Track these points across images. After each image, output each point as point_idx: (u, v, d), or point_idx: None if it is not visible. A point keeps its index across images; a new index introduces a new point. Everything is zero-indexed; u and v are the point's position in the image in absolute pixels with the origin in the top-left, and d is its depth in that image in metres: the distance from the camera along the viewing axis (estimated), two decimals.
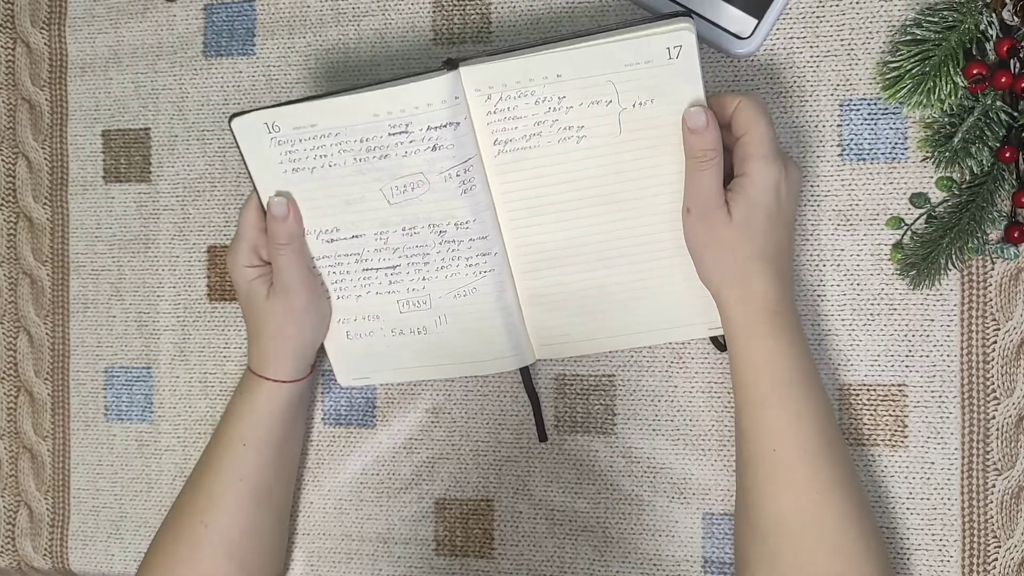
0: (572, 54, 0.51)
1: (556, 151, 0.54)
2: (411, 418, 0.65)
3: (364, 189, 0.56)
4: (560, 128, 0.54)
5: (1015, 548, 0.57)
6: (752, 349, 0.52)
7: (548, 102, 0.53)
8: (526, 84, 0.52)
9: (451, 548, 0.64)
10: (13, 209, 0.72)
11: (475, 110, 0.54)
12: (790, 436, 0.51)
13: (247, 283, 0.58)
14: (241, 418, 0.59)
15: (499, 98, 0.53)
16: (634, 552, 0.61)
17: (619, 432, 0.62)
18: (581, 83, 0.52)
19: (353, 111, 0.53)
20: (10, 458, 0.71)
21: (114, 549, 0.69)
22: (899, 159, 0.58)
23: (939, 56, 0.54)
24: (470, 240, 0.57)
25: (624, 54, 0.50)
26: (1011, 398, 0.57)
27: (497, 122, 0.54)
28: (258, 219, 0.58)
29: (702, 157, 0.51)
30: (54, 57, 0.71)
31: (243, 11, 0.67)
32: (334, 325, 0.61)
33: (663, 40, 0.50)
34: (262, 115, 0.54)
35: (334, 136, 0.54)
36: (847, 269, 0.59)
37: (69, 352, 0.71)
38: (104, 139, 0.70)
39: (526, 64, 0.52)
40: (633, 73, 0.51)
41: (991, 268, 0.57)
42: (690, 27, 0.49)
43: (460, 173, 0.55)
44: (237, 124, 0.55)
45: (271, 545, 0.62)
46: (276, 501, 0.61)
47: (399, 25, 0.65)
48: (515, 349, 0.60)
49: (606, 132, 0.53)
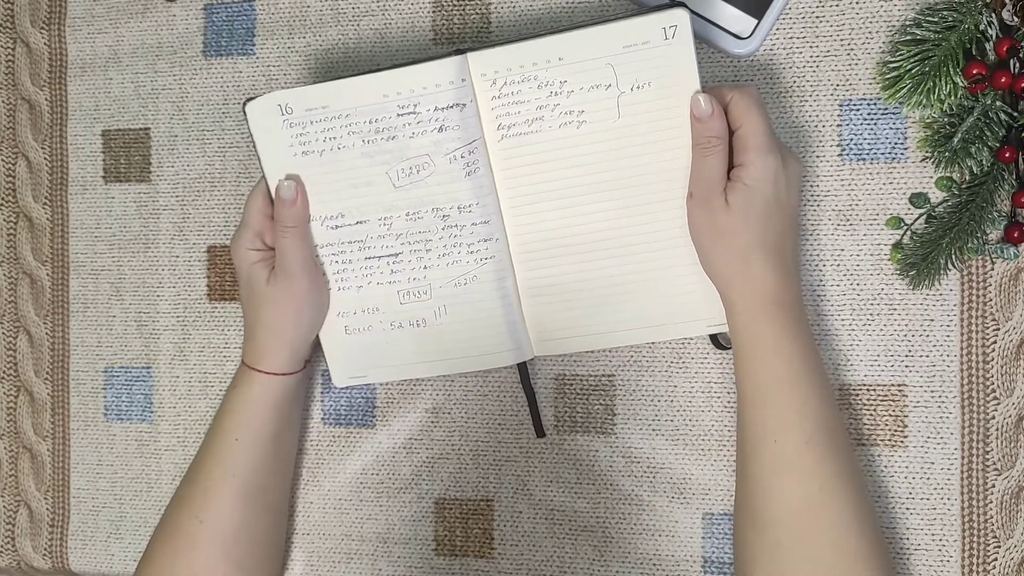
0: (573, 36, 0.53)
1: (557, 136, 0.56)
2: (411, 418, 0.65)
3: (371, 172, 0.57)
4: (561, 112, 0.55)
5: (1015, 548, 0.57)
6: (754, 339, 0.52)
7: (550, 86, 0.55)
8: (529, 68, 0.54)
9: (451, 548, 0.64)
10: (13, 209, 0.72)
11: (480, 95, 0.55)
12: (792, 427, 0.51)
13: (249, 266, 0.58)
14: (234, 412, 0.59)
15: (503, 83, 0.55)
16: (634, 552, 0.61)
17: (619, 432, 0.62)
18: (582, 66, 0.54)
19: (364, 92, 0.56)
20: (10, 458, 0.72)
21: (114, 549, 0.69)
22: (899, 159, 0.58)
23: (939, 56, 0.54)
24: (472, 224, 0.58)
25: (623, 36, 0.53)
26: (1011, 398, 0.57)
27: (501, 107, 0.56)
28: (264, 205, 0.58)
29: (706, 144, 0.52)
30: (54, 57, 0.71)
31: (243, 11, 0.67)
32: (333, 319, 0.61)
33: (659, 20, 0.52)
34: (276, 96, 0.56)
35: (344, 117, 0.56)
36: (847, 269, 0.59)
37: (69, 352, 0.71)
38: (104, 139, 0.70)
39: (530, 48, 0.54)
40: (631, 55, 0.53)
41: (991, 268, 0.57)
42: (685, 10, 0.52)
43: (465, 155, 0.56)
44: (251, 107, 0.57)
45: (267, 542, 0.62)
46: (270, 498, 0.61)
47: (399, 25, 0.65)
48: (514, 342, 0.60)
49: (606, 116, 0.55)
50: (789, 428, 0.51)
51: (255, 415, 0.59)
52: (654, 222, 0.56)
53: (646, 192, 0.56)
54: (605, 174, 0.56)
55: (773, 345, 0.52)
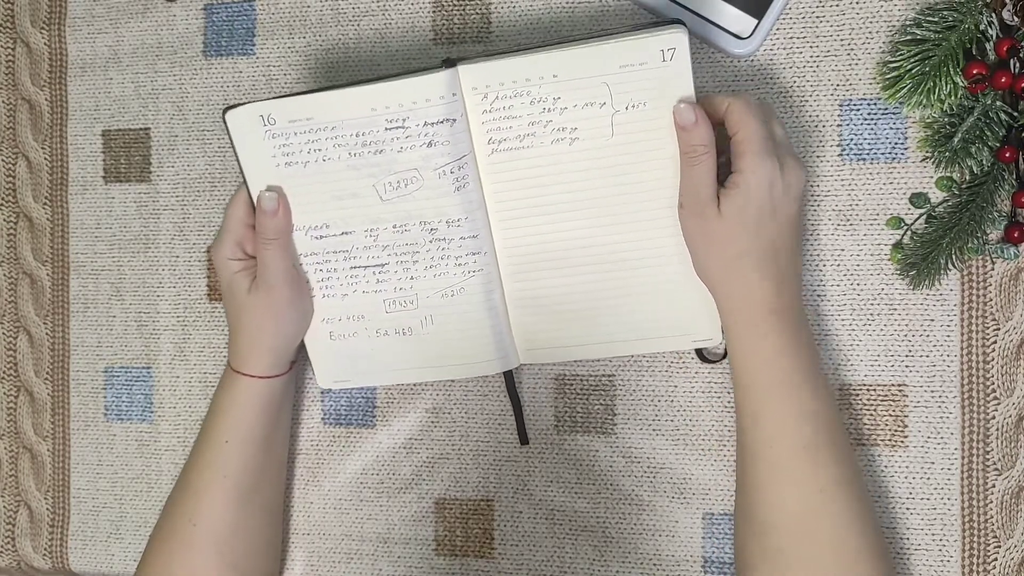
0: (568, 54, 0.52)
1: (549, 152, 0.55)
2: (411, 418, 0.65)
3: (357, 185, 0.56)
4: (554, 129, 0.54)
5: (1015, 548, 0.57)
6: (750, 347, 0.52)
7: (543, 103, 0.53)
8: (522, 84, 0.53)
9: (451, 548, 0.64)
10: (13, 209, 0.72)
11: (471, 108, 0.54)
12: (790, 433, 0.51)
13: (230, 275, 0.58)
14: (221, 414, 0.59)
15: (495, 97, 0.54)
16: (634, 552, 0.61)
17: (619, 432, 0.62)
18: (576, 84, 0.53)
19: (350, 105, 0.54)
20: (10, 458, 0.72)
21: (114, 549, 0.69)
22: (899, 159, 0.58)
23: (939, 56, 0.54)
24: (461, 238, 0.57)
25: (619, 56, 0.51)
26: (1011, 398, 0.57)
27: (492, 121, 0.54)
28: (246, 214, 0.58)
29: (692, 153, 0.52)
30: (54, 57, 0.71)
31: (243, 11, 0.67)
32: (317, 324, 0.60)
33: (658, 42, 0.51)
34: (258, 107, 0.55)
35: (330, 130, 0.55)
36: (847, 269, 0.59)
37: (69, 352, 0.71)
38: (104, 139, 0.70)
39: (523, 63, 0.52)
40: (627, 75, 0.52)
41: (991, 268, 0.57)
42: (683, 31, 0.50)
43: (454, 170, 0.55)
44: (231, 116, 0.55)
45: (262, 542, 0.62)
46: (264, 497, 0.61)
47: (399, 25, 0.65)
48: (500, 352, 0.60)
49: (599, 134, 0.54)
50: (786, 434, 0.51)
51: (243, 417, 0.59)
52: (642, 239, 0.56)
53: (635, 210, 0.55)
54: (595, 191, 0.55)
55: (768, 353, 0.52)
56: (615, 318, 0.58)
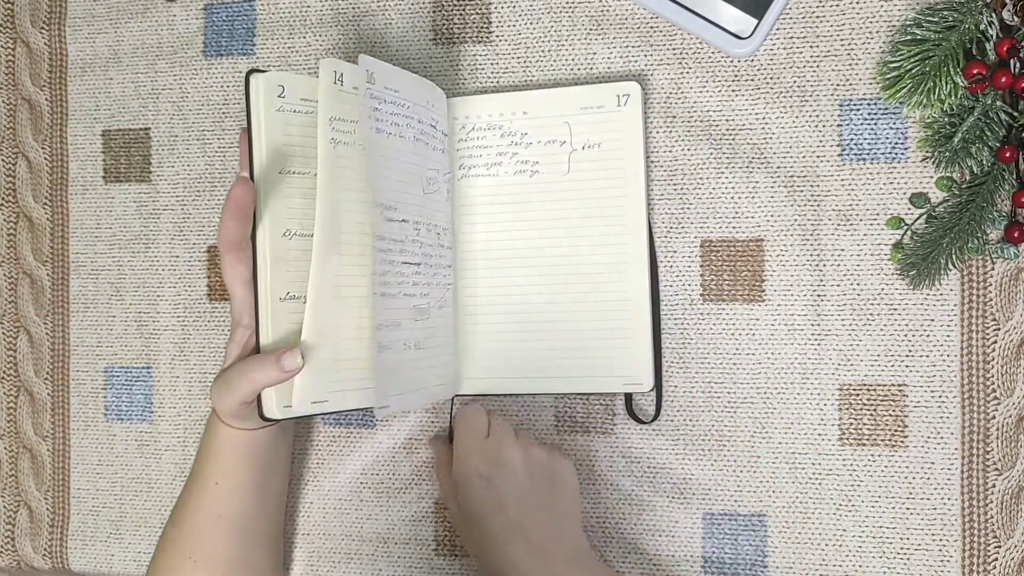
0: (540, 94, 0.60)
1: (511, 181, 0.61)
2: (411, 418, 0.65)
3: (416, 171, 0.57)
4: (518, 161, 0.61)
5: (1015, 548, 0.57)
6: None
7: (512, 136, 0.61)
8: (496, 118, 0.61)
9: (451, 548, 0.64)
10: (13, 209, 0.72)
11: (451, 136, 0.61)
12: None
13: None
14: (209, 459, 0.57)
15: (472, 127, 0.61)
16: (634, 552, 0.61)
17: (619, 432, 0.62)
18: (543, 122, 0.60)
19: (420, 88, 0.57)
20: (10, 458, 0.71)
21: (114, 549, 0.69)
22: (899, 159, 0.58)
23: (939, 56, 0.54)
24: (448, 248, 0.60)
25: (582, 98, 0.60)
26: (1011, 398, 0.57)
27: (465, 149, 0.61)
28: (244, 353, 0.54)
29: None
30: (54, 57, 0.71)
31: (243, 11, 0.67)
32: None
33: (615, 88, 0.59)
34: (365, 62, 0.53)
35: (408, 107, 0.56)
36: (847, 269, 0.59)
37: (69, 352, 0.71)
38: (104, 139, 0.70)
39: (500, 99, 0.61)
40: (587, 116, 0.60)
41: (991, 268, 0.57)
42: (637, 85, 0.59)
43: (448, 181, 0.60)
44: (362, 59, 0.52)
45: (264, 568, 0.60)
46: (263, 531, 0.59)
47: (399, 25, 0.65)
48: (454, 374, 0.61)
49: (556, 170, 0.60)
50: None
51: (229, 463, 0.56)
52: (583, 283, 0.59)
53: (582, 250, 0.59)
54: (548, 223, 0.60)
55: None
56: (552, 354, 0.60)
